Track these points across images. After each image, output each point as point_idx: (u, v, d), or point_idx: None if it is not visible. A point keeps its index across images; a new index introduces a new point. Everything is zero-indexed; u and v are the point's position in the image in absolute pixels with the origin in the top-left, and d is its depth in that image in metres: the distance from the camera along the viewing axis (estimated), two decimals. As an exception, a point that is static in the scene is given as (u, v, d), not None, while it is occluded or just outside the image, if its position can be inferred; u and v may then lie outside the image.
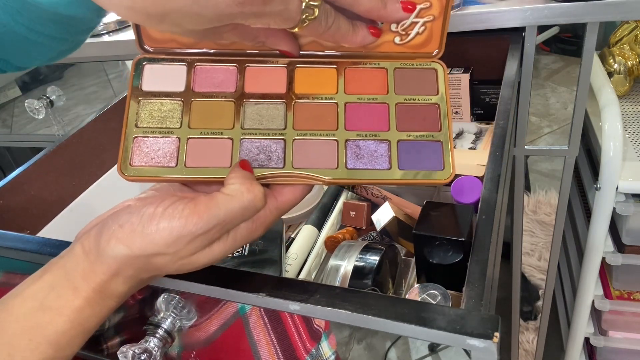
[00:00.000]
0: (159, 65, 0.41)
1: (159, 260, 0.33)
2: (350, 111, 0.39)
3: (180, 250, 0.33)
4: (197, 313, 0.43)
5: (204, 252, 0.34)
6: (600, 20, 0.64)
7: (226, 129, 0.39)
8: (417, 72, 0.41)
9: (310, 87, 0.40)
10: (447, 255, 0.41)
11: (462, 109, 0.79)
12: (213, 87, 0.40)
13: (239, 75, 0.41)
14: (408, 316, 0.32)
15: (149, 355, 0.41)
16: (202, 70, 0.41)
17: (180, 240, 0.32)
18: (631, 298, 0.88)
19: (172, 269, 0.34)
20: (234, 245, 0.35)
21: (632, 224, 0.80)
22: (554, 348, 1.18)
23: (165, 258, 0.33)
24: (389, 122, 0.39)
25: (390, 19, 0.38)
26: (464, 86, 0.76)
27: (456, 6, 0.69)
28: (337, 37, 0.37)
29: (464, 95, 0.77)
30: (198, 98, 0.40)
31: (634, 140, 0.84)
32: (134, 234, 0.33)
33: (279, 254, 0.61)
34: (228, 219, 0.33)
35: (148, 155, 0.38)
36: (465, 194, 0.54)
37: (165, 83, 0.40)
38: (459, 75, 0.76)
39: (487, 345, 0.29)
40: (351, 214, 0.66)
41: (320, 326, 0.39)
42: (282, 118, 0.39)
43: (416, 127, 0.39)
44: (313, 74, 0.41)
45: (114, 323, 0.50)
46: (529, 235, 1.69)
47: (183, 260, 0.34)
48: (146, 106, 0.40)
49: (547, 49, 2.73)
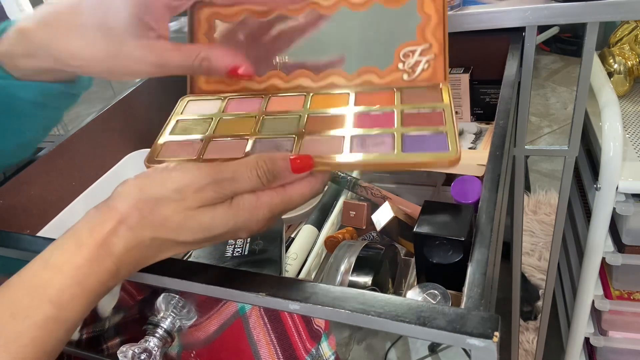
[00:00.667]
0: (200, 100, 0.49)
1: (165, 208, 0.34)
2: (358, 118, 0.43)
3: (188, 198, 0.34)
4: (197, 313, 0.43)
5: (208, 211, 0.35)
6: (600, 20, 0.64)
7: (245, 134, 0.44)
8: (422, 90, 0.45)
9: (324, 104, 0.45)
10: (447, 255, 0.41)
11: (462, 109, 0.79)
12: (241, 110, 0.47)
13: (264, 102, 0.47)
14: (408, 316, 0.32)
15: (148, 355, 0.41)
16: (234, 100, 0.48)
17: (189, 187, 0.34)
18: (631, 298, 0.88)
19: (176, 221, 0.35)
20: (236, 217, 0.36)
21: (632, 224, 0.80)
22: (554, 348, 1.18)
23: (171, 206, 0.34)
24: (394, 122, 0.41)
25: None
26: (464, 86, 0.76)
27: (456, 6, 0.69)
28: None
29: (464, 95, 0.77)
30: (227, 116, 0.46)
31: (634, 140, 0.84)
32: (146, 179, 0.36)
33: (279, 254, 0.61)
34: (236, 176, 0.35)
35: (174, 152, 0.43)
36: (465, 194, 0.54)
37: (203, 110, 0.48)
38: (459, 76, 0.76)
39: (487, 344, 0.29)
40: (351, 214, 0.66)
41: (320, 326, 0.39)
42: (295, 126, 0.43)
43: (421, 124, 0.41)
44: (328, 98, 0.46)
45: (114, 323, 0.50)
46: (529, 235, 1.69)
47: (188, 212, 0.34)
48: (181, 123, 0.47)
49: (547, 49, 2.73)
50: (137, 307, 0.46)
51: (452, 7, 0.69)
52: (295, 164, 0.37)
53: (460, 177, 0.57)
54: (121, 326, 0.50)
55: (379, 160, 0.38)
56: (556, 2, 0.64)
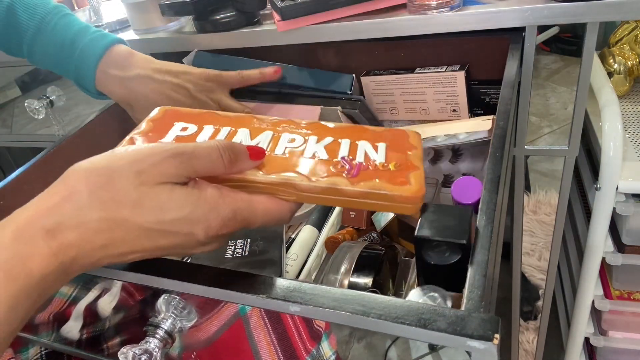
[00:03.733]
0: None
1: (120, 181, 0.31)
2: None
3: (144, 171, 0.32)
4: (197, 314, 0.43)
5: (165, 188, 0.32)
6: (600, 20, 0.64)
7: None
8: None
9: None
10: (448, 257, 0.41)
11: (460, 107, 0.79)
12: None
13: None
14: (408, 318, 0.32)
15: (149, 356, 0.41)
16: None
17: (147, 159, 0.32)
18: (631, 298, 0.88)
19: (131, 197, 0.31)
20: (195, 204, 0.33)
21: (632, 224, 0.80)
22: (554, 348, 1.18)
23: (128, 179, 0.31)
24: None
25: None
26: (460, 83, 0.76)
27: (456, 6, 0.69)
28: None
29: (461, 93, 0.77)
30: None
31: (634, 140, 0.84)
32: (100, 155, 0.33)
33: (279, 255, 0.61)
34: (197, 152, 0.34)
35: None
36: (465, 195, 0.54)
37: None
38: (454, 73, 0.76)
39: (488, 346, 0.29)
40: (351, 215, 0.66)
41: (320, 326, 0.39)
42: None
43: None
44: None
45: (115, 323, 0.51)
46: (529, 235, 1.69)
47: (143, 188, 0.32)
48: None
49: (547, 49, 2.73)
50: (137, 308, 0.46)
51: (452, 7, 0.68)
52: (251, 149, 0.37)
53: (460, 177, 0.57)
54: (122, 327, 0.51)
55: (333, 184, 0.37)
56: (556, 2, 0.64)
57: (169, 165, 0.32)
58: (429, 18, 0.69)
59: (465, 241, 0.39)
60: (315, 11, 0.72)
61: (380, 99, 0.84)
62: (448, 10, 0.68)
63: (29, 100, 1.20)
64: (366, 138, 0.42)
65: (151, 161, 0.32)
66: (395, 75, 0.80)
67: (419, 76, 0.79)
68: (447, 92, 0.78)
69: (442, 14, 0.68)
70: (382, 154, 0.40)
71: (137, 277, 0.41)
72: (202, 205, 0.33)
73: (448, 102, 0.79)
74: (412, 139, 0.44)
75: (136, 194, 0.31)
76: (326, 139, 0.42)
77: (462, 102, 0.78)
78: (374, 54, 0.84)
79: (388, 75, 0.81)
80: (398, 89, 0.81)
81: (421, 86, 0.79)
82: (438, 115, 0.82)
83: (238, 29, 0.79)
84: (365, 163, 0.39)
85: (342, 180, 0.37)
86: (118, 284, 0.45)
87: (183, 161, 0.33)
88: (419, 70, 0.79)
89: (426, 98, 0.80)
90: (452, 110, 0.80)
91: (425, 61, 0.82)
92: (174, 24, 0.88)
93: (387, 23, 0.71)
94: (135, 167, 0.32)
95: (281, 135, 0.42)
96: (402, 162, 0.40)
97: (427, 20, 0.69)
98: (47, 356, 0.68)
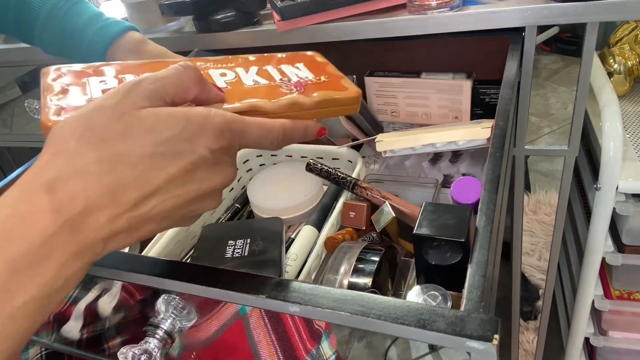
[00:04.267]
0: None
1: (100, 117, 0.30)
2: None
3: (119, 102, 0.30)
4: (197, 314, 0.43)
5: (151, 112, 0.31)
6: (600, 20, 0.64)
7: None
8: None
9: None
10: (447, 256, 0.41)
11: (462, 114, 0.79)
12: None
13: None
14: (408, 318, 0.32)
15: (149, 356, 0.41)
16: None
17: (123, 87, 0.31)
18: (631, 298, 0.88)
19: (118, 131, 0.29)
20: (187, 117, 0.31)
21: (632, 224, 0.80)
22: (554, 348, 1.18)
23: (107, 113, 0.30)
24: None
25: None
26: (466, 92, 0.76)
27: (456, 6, 0.69)
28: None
29: (465, 101, 0.77)
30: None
31: (634, 140, 0.84)
32: (76, 110, 0.31)
33: (279, 255, 0.61)
34: (170, 70, 0.33)
35: None
36: (465, 195, 0.54)
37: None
38: (461, 82, 0.76)
39: (487, 347, 0.29)
40: (351, 215, 0.66)
41: (320, 326, 0.39)
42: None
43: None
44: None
45: (115, 324, 0.51)
46: (529, 235, 1.69)
47: (126, 117, 0.30)
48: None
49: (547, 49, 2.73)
50: (137, 308, 0.46)
51: (452, 7, 0.68)
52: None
53: (460, 178, 0.57)
54: (121, 327, 0.51)
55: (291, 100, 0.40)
56: (556, 2, 0.64)
57: (141, 89, 0.31)
58: (429, 18, 0.69)
59: (464, 239, 0.39)
60: (315, 11, 0.72)
61: (382, 100, 0.84)
62: (448, 10, 0.68)
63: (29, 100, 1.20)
64: (285, 62, 0.47)
65: (122, 92, 0.31)
66: (400, 78, 0.80)
67: (424, 81, 0.78)
68: (452, 99, 0.78)
69: (442, 14, 0.68)
70: (307, 72, 0.45)
71: (137, 277, 0.41)
72: (193, 119, 0.32)
73: (451, 109, 0.79)
74: (318, 57, 0.50)
75: (122, 126, 0.30)
76: (251, 68, 0.44)
77: (465, 110, 0.79)
78: (374, 54, 0.84)
79: (393, 78, 0.81)
80: (402, 92, 0.81)
81: (426, 91, 0.79)
82: (439, 121, 0.82)
83: (238, 29, 0.79)
84: (302, 80, 0.43)
85: (299, 96, 0.40)
86: (118, 284, 0.45)
87: (150, 82, 0.32)
88: (425, 76, 0.79)
89: (429, 103, 0.80)
90: (454, 117, 0.80)
91: (425, 61, 0.82)
92: (174, 24, 0.88)
93: (387, 23, 0.71)
94: (109, 101, 0.30)
95: (209, 72, 0.43)
96: (328, 74, 0.45)
97: (427, 20, 0.69)
98: (47, 356, 0.68)
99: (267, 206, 0.74)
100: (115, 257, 0.42)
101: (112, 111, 0.30)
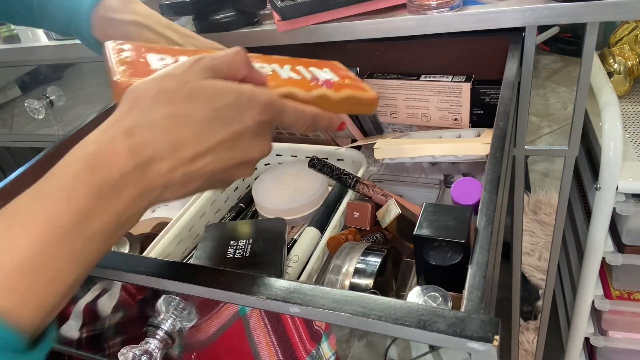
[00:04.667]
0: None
1: (171, 82, 0.35)
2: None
3: (183, 72, 0.35)
4: (197, 314, 0.43)
5: (209, 82, 0.35)
6: (600, 20, 0.64)
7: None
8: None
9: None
10: (447, 256, 0.41)
11: (462, 116, 0.79)
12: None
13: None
14: (408, 319, 0.32)
15: (149, 356, 0.41)
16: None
17: (179, 66, 0.36)
18: (631, 298, 0.88)
19: (185, 95, 0.34)
20: (239, 87, 0.36)
21: (632, 224, 0.80)
22: (554, 348, 1.18)
23: (174, 80, 0.35)
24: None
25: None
26: (465, 94, 0.76)
27: (456, 6, 0.69)
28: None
29: (465, 103, 0.77)
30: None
31: (634, 140, 0.84)
32: (142, 79, 0.36)
33: (280, 256, 0.61)
34: (217, 54, 0.38)
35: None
36: (465, 196, 0.54)
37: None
38: (460, 84, 0.76)
39: (488, 348, 0.29)
40: (355, 215, 0.66)
41: (320, 327, 0.39)
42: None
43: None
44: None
45: (115, 324, 0.51)
46: (529, 235, 1.69)
47: (190, 84, 0.35)
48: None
49: (547, 49, 2.73)
50: (137, 309, 0.46)
51: (452, 7, 0.68)
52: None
53: (460, 179, 0.57)
54: (122, 327, 0.51)
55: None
56: (556, 2, 0.64)
57: (202, 64, 0.36)
58: (429, 18, 0.69)
59: (465, 240, 0.39)
60: (315, 11, 0.72)
61: (382, 102, 0.84)
62: (448, 11, 0.68)
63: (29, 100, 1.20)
64: (312, 65, 0.52)
65: (187, 65, 0.36)
66: (400, 80, 0.80)
67: (424, 83, 0.78)
68: (451, 101, 0.78)
69: (442, 14, 0.68)
70: (332, 75, 0.51)
71: (137, 277, 0.41)
72: (243, 92, 0.36)
73: (451, 111, 0.79)
74: (340, 65, 0.56)
75: (187, 91, 0.35)
76: (285, 66, 0.49)
77: (465, 112, 0.79)
78: (374, 54, 0.84)
79: (392, 80, 0.81)
80: (401, 93, 0.81)
81: (425, 93, 0.79)
82: (439, 123, 0.82)
83: (238, 29, 0.79)
84: (329, 80, 0.49)
85: (328, 91, 0.46)
86: (118, 284, 0.45)
87: (209, 60, 0.37)
88: (424, 78, 0.79)
89: (429, 105, 0.80)
90: (453, 119, 0.80)
91: (426, 61, 0.81)
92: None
93: (387, 23, 0.71)
94: (176, 71, 0.36)
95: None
96: (350, 79, 0.51)
97: (426, 21, 0.69)
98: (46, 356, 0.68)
99: (271, 207, 0.74)
100: (116, 258, 0.42)
101: (179, 79, 0.35)
